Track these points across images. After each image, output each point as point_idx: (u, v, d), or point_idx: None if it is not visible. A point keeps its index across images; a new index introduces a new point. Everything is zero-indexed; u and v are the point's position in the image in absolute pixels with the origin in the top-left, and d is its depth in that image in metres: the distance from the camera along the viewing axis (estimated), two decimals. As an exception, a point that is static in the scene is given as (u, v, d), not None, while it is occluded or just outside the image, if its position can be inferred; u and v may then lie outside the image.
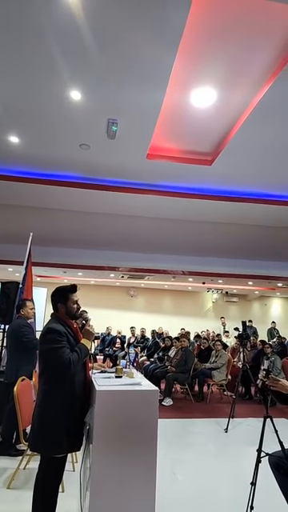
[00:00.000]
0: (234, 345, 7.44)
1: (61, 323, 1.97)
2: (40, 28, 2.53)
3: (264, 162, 4.47)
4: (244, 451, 3.56)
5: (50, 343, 1.86)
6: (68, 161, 4.69)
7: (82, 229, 6.44)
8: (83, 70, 2.94)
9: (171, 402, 5.29)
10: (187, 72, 3.04)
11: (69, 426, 1.86)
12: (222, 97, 3.34)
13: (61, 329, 1.92)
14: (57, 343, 1.86)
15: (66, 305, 2.02)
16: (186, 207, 5.90)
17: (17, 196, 5.80)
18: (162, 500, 2.18)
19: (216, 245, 6.80)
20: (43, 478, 1.88)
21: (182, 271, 7.42)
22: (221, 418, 4.62)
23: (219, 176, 4.92)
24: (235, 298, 12.66)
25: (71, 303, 2.03)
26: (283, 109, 3.35)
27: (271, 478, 2.07)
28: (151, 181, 5.20)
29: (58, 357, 1.82)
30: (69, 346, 1.90)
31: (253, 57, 2.85)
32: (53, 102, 3.40)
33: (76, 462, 2.90)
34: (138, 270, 7.39)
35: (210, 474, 3.04)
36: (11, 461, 2.92)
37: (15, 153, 4.51)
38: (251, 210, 5.87)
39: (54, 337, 1.88)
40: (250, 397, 5.94)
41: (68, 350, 1.87)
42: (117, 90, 3.18)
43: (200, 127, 3.89)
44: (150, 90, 3.15)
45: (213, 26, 2.57)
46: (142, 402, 1.91)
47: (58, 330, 1.91)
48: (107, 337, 8.94)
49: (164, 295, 12.35)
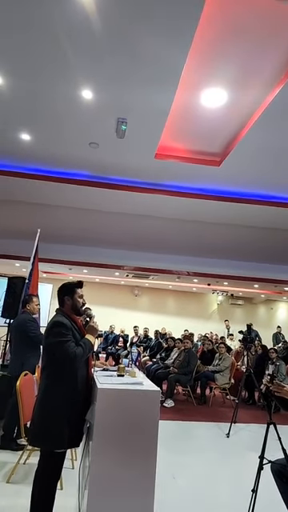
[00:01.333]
0: (238, 348, 7.37)
1: (66, 318, 1.99)
2: (52, 28, 2.54)
3: (273, 164, 4.42)
4: (246, 457, 3.52)
5: (56, 336, 1.88)
6: (77, 159, 4.71)
7: (88, 227, 6.46)
8: (95, 69, 2.95)
9: (173, 404, 5.26)
10: (198, 72, 3.02)
11: (69, 420, 1.86)
12: (233, 98, 3.31)
13: (67, 323, 1.94)
14: (63, 336, 1.87)
15: (72, 298, 2.05)
16: (194, 208, 5.86)
17: (26, 193, 5.85)
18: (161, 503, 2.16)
19: (222, 246, 6.75)
20: (42, 474, 1.88)
21: (186, 272, 7.39)
22: (223, 422, 4.57)
23: (228, 177, 4.88)
24: (240, 300, 12.55)
25: (77, 297, 2.07)
26: (295, 110, 3.30)
27: (273, 486, 2.04)
28: (159, 180, 5.19)
29: (64, 350, 1.83)
30: (74, 340, 1.91)
31: (264, 58, 2.81)
32: (64, 101, 3.41)
33: (75, 459, 2.90)
34: (142, 270, 7.37)
35: (210, 479, 3.01)
36: (12, 455, 2.94)
37: (26, 150, 4.54)
38: (259, 213, 5.81)
39: (60, 330, 1.89)
40: (253, 402, 5.87)
41: (73, 343, 1.89)
42: (127, 89, 3.17)
43: (209, 128, 3.86)
44: (161, 90, 3.13)
45: (225, 26, 2.54)
46: (144, 402, 1.90)
47: (64, 323, 1.93)
48: (110, 335, 8.96)
49: (168, 295, 12.30)
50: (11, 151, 4.61)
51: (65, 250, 6.58)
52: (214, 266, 6.95)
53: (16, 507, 2.22)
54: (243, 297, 12.36)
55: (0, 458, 2.91)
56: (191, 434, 4.24)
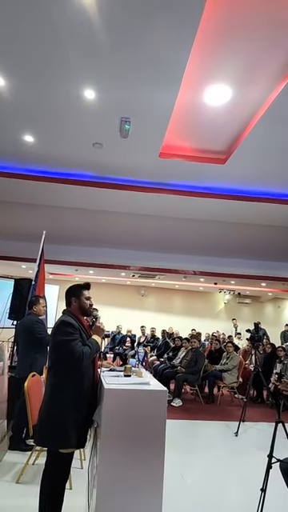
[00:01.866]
0: (246, 347, 7.31)
1: (73, 318, 2.00)
2: (54, 28, 2.54)
3: (279, 161, 4.36)
4: (254, 456, 3.48)
5: (63, 335, 1.89)
6: (81, 160, 4.72)
7: (94, 227, 6.47)
8: (97, 68, 2.95)
9: (181, 403, 5.25)
10: (201, 70, 2.99)
11: (76, 420, 1.86)
12: (237, 95, 3.28)
13: (74, 323, 1.95)
14: (70, 335, 1.88)
15: (79, 299, 2.06)
16: (199, 206, 5.83)
17: (30, 194, 5.89)
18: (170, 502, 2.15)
19: (228, 245, 6.70)
20: (50, 474, 1.89)
21: (193, 271, 7.35)
22: (231, 421, 4.54)
23: (233, 175, 4.84)
24: (248, 299, 12.44)
25: (84, 298, 2.08)
26: (300, 106, 3.25)
27: (282, 485, 2.02)
28: (164, 180, 5.17)
29: (71, 349, 1.84)
30: (81, 339, 1.92)
31: (268, 54, 2.78)
32: (67, 101, 3.42)
33: (84, 459, 2.91)
34: (149, 270, 7.36)
35: (219, 478, 2.99)
36: (21, 455, 2.96)
37: (29, 152, 4.57)
38: (265, 210, 5.75)
39: (67, 329, 1.90)
40: (261, 400, 5.82)
41: (80, 343, 1.89)
42: (130, 88, 3.16)
43: (214, 125, 3.83)
44: (164, 88, 3.12)
45: (227, 22, 2.52)
46: (151, 402, 1.89)
47: (72, 323, 1.94)
48: (117, 335, 8.97)
49: (175, 295, 12.27)
50: (14, 153, 4.65)
51: (71, 251, 6.61)
52: (220, 265, 6.90)
53: (25, 507, 2.23)
54: (250, 295, 12.25)
55: (9, 459, 2.94)
56: (199, 432, 4.22)
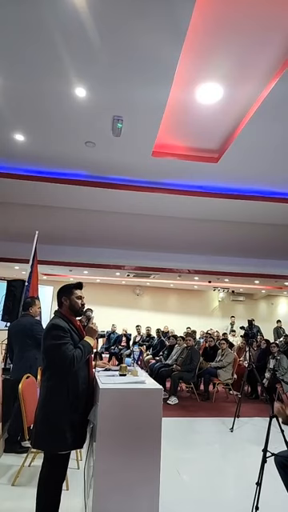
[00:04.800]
0: (240, 344, 7.38)
1: (64, 320, 1.97)
2: (44, 25, 2.52)
3: (272, 159, 4.40)
4: (249, 451, 3.52)
5: (54, 339, 1.86)
6: (73, 159, 4.69)
7: (87, 227, 6.44)
8: (87, 66, 2.93)
9: (176, 401, 5.27)
10: (193, 68, 3.00)
11: (72, 422, 1.86)
12: (229, 93, 3.29)
13: (64, 325, 1.93)
14: (60, 339, 1.86)
15: (69, 298, 2.03)
16: (192, 205, 5.85)
17: (22, 194, 5.82)
18: (167, 499, 2.17)
19: (222, 243, 6.74)
20: (47, 476, 1.88)
21: (187, 270, 7.38)
22: (226, 417, 4.59)
23: (226, 173, 4.86)
24: (242, 296, 12.55)
25: (75, 298, 2.04)
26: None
27: (277, 479, 2.05)
28: (157, 179, 5.17)
29: (62, 353, 1.82)
30: (72, 342, 1.90)
31: (259, 52, 2.79)
32: (58, 100, 3.39)
33: (81, 459, 2.90)
34: (143, 269, 7.36)
35: (215, 473, 3.02)
36: (16, 458, 2.94)
37: (20, 151, 4.52)
38: (258, 208, 5.80)
39: (58, 333, 1.88)
40: (256, 396, 5.89)
41: (71, 346, 1.87)
42: (122, 86, 3.15)
43: (206, 124, 3.84)
44: (156, 86, 3.11)
45: (218, 20, 2.52)
46: (146, 401, 1.90)
47: (62, 326, 1.91)
48: (112, 334, 8.96)
49: (170, 294, 12.30)
50: (5, 152, 4.59)
51: (64, 252, 6.56)
52: (214, 264, 6.94)
53: (22, 510, 2.22)
54: (244, 293, 12.35)
55: (5, 461, 2.91)
56: (195, 429, 4.25)
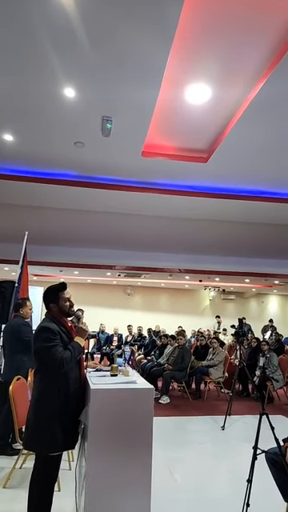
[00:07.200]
0: (231, 342, 7.46)
1: (54, 322, 1.97)
2: (33, 25, 2.49)
3: (259, 159, 4.46)
4: (241, 448, 3.57)
5: (43, 342, 1.86)
6: (63, 159, 4.66)
7: (77, 227, 6.41)
8: (77, 67, 2.91)
9: (168, 400, 5.29)
10: (181, 69, 3.02)
11: (63, 423, 1.86)
12: (217, 93, 3.32)
13: (54, 327, 1.92)
14: (49, 342, 1.86)
15: (58, 304, 2.02)
16: (182, 205, 5.88)
17: (11, 195, 5.75)
18: (159, 498, 2.18)
19: (212, 242, 6.80)
20: (38, 477, 1.87)
21: (178, 269, 7.41)
22: (218, 415, 4.63)
23: (215, 173, 4.91)
24: (232, 295, 12.68)
25: (63, 301, 2.03)
26: (278, 106, 3.34)
27: (267, 475, 2.08)
28: (146, 178, 5.18)
29: (51, 355, 1.82)
30: (62, 344, 1.90)
31: (247, 53, 2.83)
32: (46, 100, 3.36)
33: (72, 460, 2.89)
34: (134, 269, 7.37)
35: (206, 471, 3.05)
36: (7, 460, 2.91)
37: (9, 151, 4.46)
38: (246, 208, 5.87)
39: (47, 335, 1.88)
40: (247, 394, 5.96)
41: (61, 348, 1.87)
42: (111, 87, 3.15)
43: (195, 124, 3.87)
44: (145, 86, 3.12)
45: (206, 22, 2.55)
46: (138, 400, 1.90)
47: (51, 328, 1.91)
48: (101, 334, 8.92)
49: (161, 293, 12.34)
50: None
51: (54, 252, 6.51)
52: (205, 263, 7.00)
53: (13, 512, 2.20)
54: (235, 292, 12.49)
55: (-5, 464, 2.88)
56: (187, 428, 4.28)
